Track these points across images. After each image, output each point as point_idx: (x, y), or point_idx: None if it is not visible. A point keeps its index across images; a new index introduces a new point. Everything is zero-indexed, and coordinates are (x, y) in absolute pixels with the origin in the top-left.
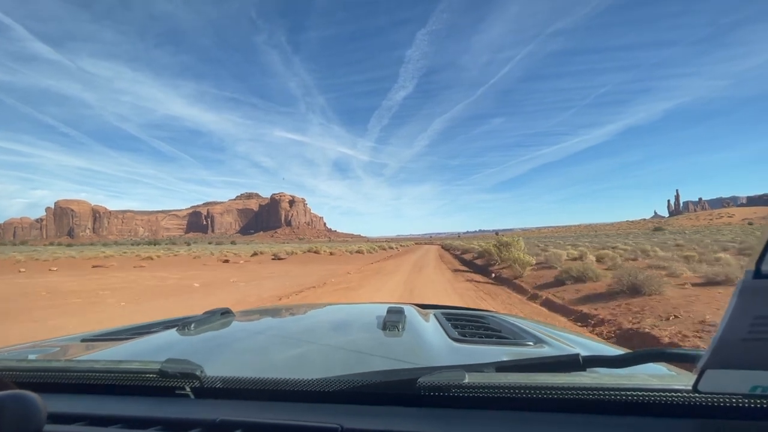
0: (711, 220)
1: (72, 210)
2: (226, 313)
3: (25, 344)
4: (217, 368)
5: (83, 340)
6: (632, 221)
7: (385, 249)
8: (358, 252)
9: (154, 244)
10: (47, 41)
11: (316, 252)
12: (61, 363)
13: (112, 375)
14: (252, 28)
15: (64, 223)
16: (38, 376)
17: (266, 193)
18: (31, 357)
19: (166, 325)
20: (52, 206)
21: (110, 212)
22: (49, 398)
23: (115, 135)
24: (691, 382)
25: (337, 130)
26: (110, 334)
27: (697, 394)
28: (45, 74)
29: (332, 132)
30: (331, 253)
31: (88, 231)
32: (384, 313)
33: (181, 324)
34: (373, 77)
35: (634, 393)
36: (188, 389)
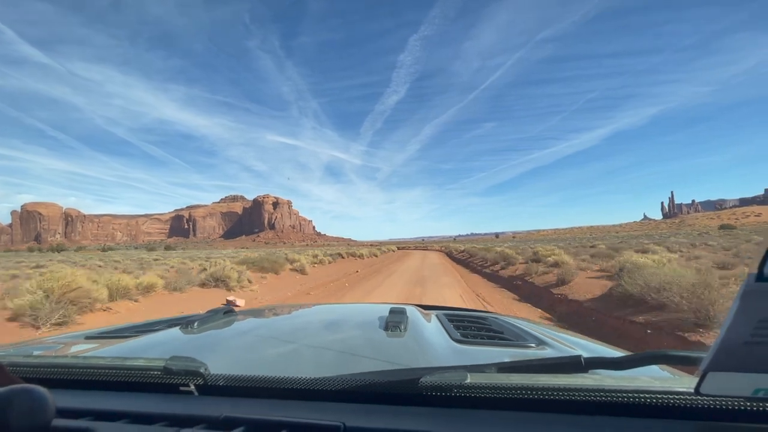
0: (737, 219)
1: (39, 214)
2: (228, 311)
3: (30, 341)
4: (220, 366)
5: (87, 338)
6: (642, 222)
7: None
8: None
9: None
10: (37, 45)
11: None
12: (68, 359)
13: (118, 371)
14: (245, 32)
15: (31, 228)
16: (45, 372)
17: (254, 196)
18: (36, 353)
19: (170, 323)
20: (19, 210)
21: (84, 216)
22: (55, 393)
23: (105, 139)
24: (694, 385)
25: (329, 135)
26: (114, 331)
27: (699, 397)
28: (34, 78)
29: (325, 136)
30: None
31: (58, 236)
32: (386, 313)
33: (185, 322)
34: (366, 82)
35: (636, 395)
36: (192, 386)
